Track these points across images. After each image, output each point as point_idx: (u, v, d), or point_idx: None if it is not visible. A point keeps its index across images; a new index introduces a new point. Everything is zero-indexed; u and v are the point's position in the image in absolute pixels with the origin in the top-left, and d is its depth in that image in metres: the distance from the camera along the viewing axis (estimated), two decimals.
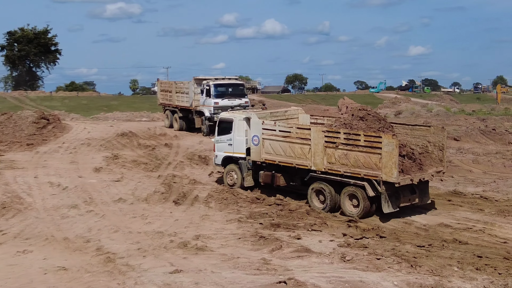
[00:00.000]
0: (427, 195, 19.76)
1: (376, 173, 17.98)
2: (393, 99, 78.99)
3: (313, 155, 19.54)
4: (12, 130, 34.47)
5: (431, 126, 21.31)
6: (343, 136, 18.75)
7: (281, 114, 23.39)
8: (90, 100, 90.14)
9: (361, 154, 18.30)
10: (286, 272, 12.89)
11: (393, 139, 17.66)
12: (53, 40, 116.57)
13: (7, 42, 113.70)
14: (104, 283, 12.51)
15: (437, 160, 19.90)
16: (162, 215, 18.47)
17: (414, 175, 18.50)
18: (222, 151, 23.14)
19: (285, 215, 18.04)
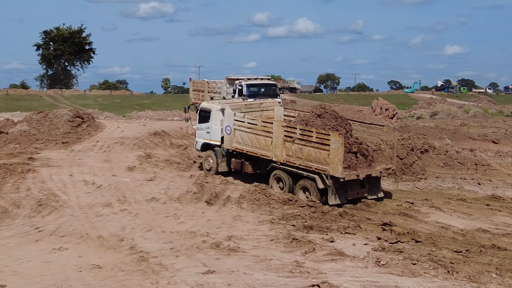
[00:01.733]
0: (379, 189, 21.21)
1: (325, 167, 19.49)
2: (428, 99, 77.77)
3: (274, 147, 21.30)
4: (48, 129, 34.97)
5: (384, 126, 22.64)
6: (299, 131, 20.34)
7: (256, 106, 25.23)
8: (123, 98, 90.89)
9: (313, 149, 19.87)
10: (320, 275, 12.77)
11: (339, 138, 19.01)
12: (87, 39, 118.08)
13: (43, 41, 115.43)
14: (137, 282, 12.55)
15: (388, 158, 21.14)
16: (194, 215, 18.48)
17: (361, 171, 19.98)
18: (202, 138, 25.72)
19: (318, 217, 17.89)
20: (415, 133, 32.58)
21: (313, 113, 21.66)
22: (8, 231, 16.61)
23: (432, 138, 32.88)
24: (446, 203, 20.79)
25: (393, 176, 23.94)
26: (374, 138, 21.65)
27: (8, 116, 46.31)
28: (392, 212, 18.78)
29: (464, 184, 24.01)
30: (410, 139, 26.30)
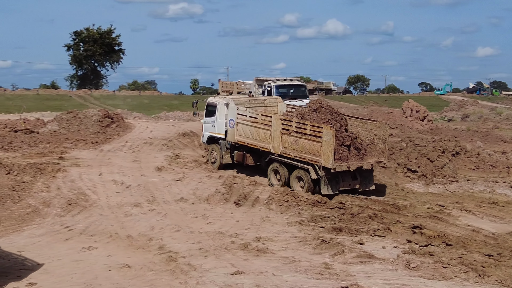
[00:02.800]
0: (371, 182, 22.09)
1: (318, 159, 20.60)
2: (459, 101, 76.85)
3: (272, 140, 22.45)
4: (77, 128, 35.27)
5: (377, 121, 23.75)
6: (294, 124, 21.51)
7: (260, 101, 26.65)
8: (152, 99, 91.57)
9: (307, 142, 21.02)
10: (349, 277, 12.67)
11: (331, 130, 20.07)
12: (117, 40, 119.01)
13: (74, 41, 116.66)
14: (166, 282, 12.57)
15: (380, 152, 22.07)
16: (223, 215, 18.47)
17: (352, 163, 20.88)
18: (208, 131, 27.12)
19: (347, 219, 17.76)
20: (446, 136, 32.21)
21: (309, 108, 22.72)
22: (38, 230, 16.78)
23: (464, 140, 32.49)
24: (477, 206, 20.51)
25: (423, 179, 23.71)
26: (368, 133, 22.59)
27: (38, 116, 46.80)
28: (423, 215, 18.55)
29: (496, 187, 23.69)
30: (441, 142, 26.05)
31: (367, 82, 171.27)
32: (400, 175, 24.61)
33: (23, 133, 33.60)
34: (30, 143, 31.10)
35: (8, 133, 33.63)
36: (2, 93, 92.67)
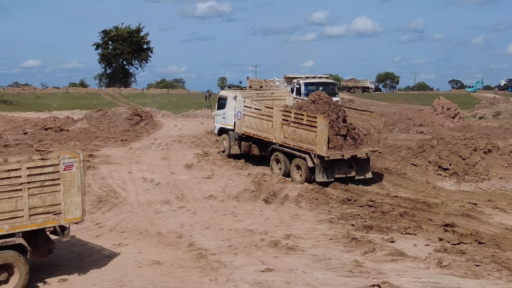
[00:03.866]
0: (367, 170, 22.85)
1: (313, 147, 21.64)
2: (491, 99, 75.51)
3: (274, 130, 23.64)
4: (107, 126, 35.58)
5: (373, 112, 24.67)
6: (293, 115, 22.67)
7: (267, 95, 27.70)
8: (180, 97, 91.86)
9: (304, 131, 22.12)
10: (380, 275, 12.56)
11: (324, 120, 21.14)
12: (146, 38, 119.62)
13: (103, 40, 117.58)
14: (196, 279, 12.58)
15: (376, 141, 22.97)
16: (252, 213, 18.44)
17: (346, 151, 21.82)
18: (219, 123, 28.38)
19: (377, 217, 17.60)
20: (478, 133, 31.75)
21: (308, 100, 23.95)
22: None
23: (496, 138, 31.90)
24: (510, 205, 20.12)
25: (455, 177, 23.41)
26: (365, 124, 23.52)
27: (68, 114, 47.32)
28: (455, 213, 18.28)
29: None
30: (473, 139, 25.63)
31: (397, 79, 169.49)
32: (431, 173, 24.29)
33: (53, 131, 34.00)
34: (60, 140, 31.43)
35: (39, 131, 34.07)
36: (32, 91, 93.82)
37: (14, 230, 11.72)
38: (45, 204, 12.09)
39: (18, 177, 11.67)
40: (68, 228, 12.68)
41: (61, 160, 12.18)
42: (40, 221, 12.06)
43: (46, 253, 12.80)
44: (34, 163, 11.89)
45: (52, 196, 12.16)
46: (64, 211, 12.30)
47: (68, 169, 12.26)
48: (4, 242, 11.64)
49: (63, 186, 12.24)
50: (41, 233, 12.37)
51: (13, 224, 11.70)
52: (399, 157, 26.43)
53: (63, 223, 12.42)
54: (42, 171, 12.00)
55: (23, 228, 11.85)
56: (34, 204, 11.93)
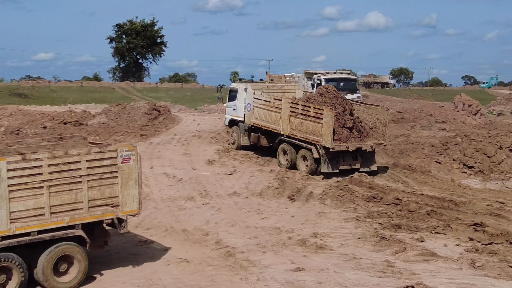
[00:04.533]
0: (372, 163, 23.39)
1: (319, 139, 22.24)
2: (507, 95, 74.74)
3: (282, 122, 24.25)
4: (125, 121, 35.51)
5: (379, 106, 25.11)
6: (300, 107, 23.30)
7: (277, 88, 28.37)
8: (194, 91, 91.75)
9: (310, 123, 22.70)
10: (413, 276, 12.37)
11: (330, 112, 21.76)
12: (159, 32, 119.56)
13: (116, 34, 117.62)
14: (226, 278, 12.43)
15: (381, 135, 23.48)
16: (277, 210, 18.26)
17: (351, 144, 22.43)
18: (230, 114, 29.07)
19: (405, 216, 17.35)
20: (502, 130, 31.35)
21: (316, 93, 24.78)
22: None
23: None
24: None
25: (480, 175, 23.14)
26: (371, 117, 24.07)
27: (83, 108, 47.29)
28: (483, 212, 17.99)
29: None
30: (497, 137, 25.29)
31: (411, 75, 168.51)
32: (456, 170, 24.06)
33: (72, 125, 33.98)
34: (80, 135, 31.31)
35: (58, 125, 34.04)
36: (46, 85, 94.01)
37: (74, 222, 11.95)
38: (104, 197, 12.31)
39: (78, 170, 11.86)
40: (125, 221, 12.84)
41: (119, 153, 12.39)
42: (99, 213, 12.29)
43: (102, 245, 12.98)
44: (93, 155, 12.07)
45: (110, 189, 12.37)
46: (121, 204, 12.52)
47: (125, 162, 12.49)
48: (65, 233, 11.86)
49: (121, 178, 12.44)
50: (98, 225, 12.60)
51: (73, 216, 11.93)
52: (423, 154, 26.19)
53: (120, 216, 12.63)
54: (101, 163, 12.18)
55: (83, 220, 12.08)
56: (93, 197, 12.14)
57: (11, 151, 13.33)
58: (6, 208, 11.16)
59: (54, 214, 11.67)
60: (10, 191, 11.17)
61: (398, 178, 22.87)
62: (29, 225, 11.45)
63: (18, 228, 11.33)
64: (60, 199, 11.72)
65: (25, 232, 11.43)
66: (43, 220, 11.58)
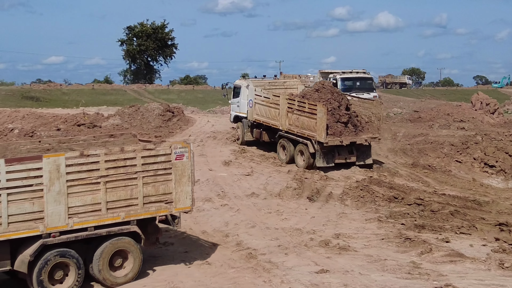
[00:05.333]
0: (368, 156, 23.77)
1: (314, 134, 22.64)
2: None
3: (280, 117, 24.66)
4: (139, 122, 35.26)
5: (374, 100, 25.78)
6: (296, 103, 23.76)
7: (280, 84, 28.97)
8: (206, 93, 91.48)
9: (306, 119, 23.13)
10: (441, 277, 12.06)
11: (323, 107, 22.27)
12: (170, 34, 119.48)
13: (127, 36, 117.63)
14: (249, 280, 12.18)
15: (376, 129, 23.87)
16: (297, 211, 17.99)
17: (345, 138, 22.81)
18: (234, 111, 29.72)
19: (428, 216, 17.01)
20: None
21: (312, 88, 25.06)
22: None
23: None
24: None
25: (502, 174, 22.79)
26: (367, 111, 24.48)
27: (95, 110, 47.10)
28: (507, 212, 17.65)
29: None
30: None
31: (423, 75, 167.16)
32: (477, 170, 23.73)
33: (86, 127, 33.76)
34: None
35: (72, 127, 33.81)
36: (58, 88, 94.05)
37: (129, 218, 12.13)
38: (158, 193, 12.43)
39: (133, 166, 12.04)
40: (178, 217, 13.01)
41: (173, 149, 12.52)
42: (153, 209, 12.44)
43: (155, 242, 13.12)
44: (148, 152, 12.23)
45: (164, 185, 12.50)
46: (175, 200, 12.65)
47: (179, 158, 12.61)
48: (120, 229, 12.03)
49: (175, 175, 12.56)
50: (151, 221, 12.73)
51: (129, 212, 12.10)
52: (442, 153, 25.85)
53: (174, 212, 12.79)
54: (156, 160, 12.33)
55: (138, 216, 12.25)
56: (148, 193, 12.28)
57: (63, 148, 13.49)
58: (64, 203, 11.33)
59: (110, 209, 11.84)
60: (68, 186, 11.33)
61: (418, 178, 22.52)
62: (86, 221, 11.63)
63: (75, 223, 11.52)
64: (116, 195, 11.89)
65: (82, 227, 11.60)
66: (100, 215, 11.76)
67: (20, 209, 10.97)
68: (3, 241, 10.95)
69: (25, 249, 11.18)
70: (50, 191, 11.17)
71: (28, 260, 11.02)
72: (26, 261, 11.05)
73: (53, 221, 11.24)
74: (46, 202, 11.15)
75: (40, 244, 11.14)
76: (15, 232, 10.98)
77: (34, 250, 11.07)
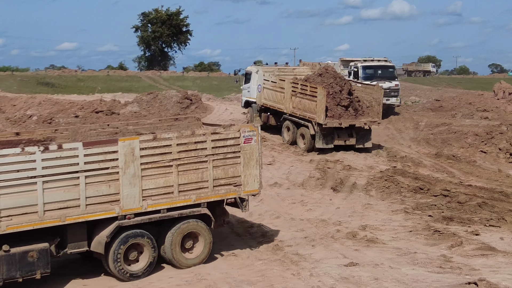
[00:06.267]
0: (367, 140, 24.74)
1: (314, 116, 23.53)
2: None
3: (285, 101, 25.62)
4: (157, 110, 35.14)
5: (374, 86, 26.22)
6: (300, 87, 24.71)
7: (289, 70, 29.96)
8: (220, 80, 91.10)
9: (307, 101, 24.06)
10: (473, 272, 11.75)
11: (323, 90, 23.16)
12: (185, 21, 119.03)
13: (142, 23, 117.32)
14: (277, 273, 11.94)
15: (376, 113, 24.51)
16: (321, 202, 17.74)
17: (344, 120, 23.64)
18: (245, 96, 30.88)
19: (455, 208, 16.69)
20: None
21: (316, 73, 25.94)
22: None
23: None
24: None
25: None
26: (368, 97, 25.13)
27: (111, 97, 46.97)
28: None
29: None
30: None
31: (439, 63, 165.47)
32: (503, 160, 23.35)
33: (104, 114, 33.65)
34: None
35: (90, 114, 33.74)
36: (73, 74, 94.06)
37: (200, 200, 12.39)
38: (227, 176, 12.66)
39: (203, 149, 12.28)
40: (247, 200, 13.17)
41: (241, 133, 12.71)
42: (223, 192, 12.70)
43: (222, 224, 13.43)
44: (217, 135, 12.49)
45: (233, 168, 12.71)
46: (243, 183, 12.85)
47: (247, 142, 12.79)
48: (191, 211, 12.34)
49: (243, 158, 12.76)
50: (219, 204, 13.04)
51: (199, 194, 12.35)
52: (466, 143, 25.48)
53: (242, 195, 12.97)
54: (225, 143, 12.57)
55: (208, 199, 12.51)
56: (217, 176, 12.52)
57: (130, 131, 13.81)
58: (139, 186, 11.62)
59: (182, 192, 12.11)
60: (142, 169, 11.62)
61: (443, 169, 22.15)
62: (159, 203, 11.94)
63: (149, 206, 11.83)
64: (187, 177, 12.13)
65: (156, 209, 11.92)
66: (172, 198, 12.05)
67: (97, 191, 11.29)
68: (80, 222, 11.28)
69: (100, 230, 11.52)
70: (125, 174, 11.48)
71: (105, 241, 11.37)
72: (103, 242, 11.40)
73: (128, 203, 11.58)
74: (122, 184, 11.47)
75: (116, 225, 11.49)
76: (92, 214, 11.30)
77: (110, 232, 11.41)
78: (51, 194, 10.88)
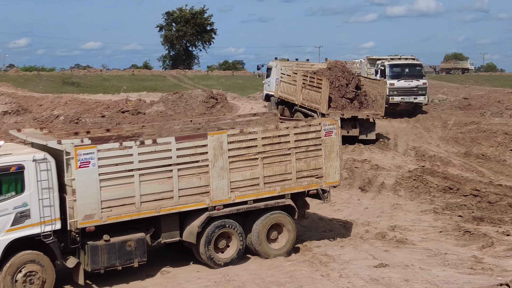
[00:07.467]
0: (371, 132, 25.85)
1: (318, 106, 24.56)
2: None
3: (296, 93, 26.71)
4: (183, 109, 35.15)
5: (380, 80, 27.57)
6: (308, 79, 25.76)
7: (308, 66, 30.52)
8: (245, 79, 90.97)
9: (314, 93, 25.09)
10: (505, 273, 11.59)
11: (326, 81, 24.29)
12: (209, 20, 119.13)
13: (166, 22, 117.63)
14: (307, 274, 11.90)
15: (379, 106, 25.59)
16: (350, 202, 17.67)
17: (347, 112, 24.76)
18: (266, 90, 32.63)
19: (485, 208, 16.51)
20: None
21: (325, 67, 27.27)
22: None
23: None
24: None
25: None
26: (374, 91, 26.13)
27: (136, 96, 47.09)
28: None
29: None
30: None
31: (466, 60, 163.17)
32: None
33: (130, 114, 33.75)
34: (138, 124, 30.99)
35: (116, 114, 33.85)
36: (98, 73, 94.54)
37: (284, 191, 12.86)
38: (309, 168, 13.09)
39: (287, 142, 12.76)
40: (328, 191, 13.64)
41: (322, 126, 13.10)
42: (305, 183, 13.12)
43: (303, 215, 13.79)
44: (300, 129, 12.95)
45: (315, 161, 13.13)
46: (325, 175, 13.25)
47: (328, 135, 13.17)
48: (276, 203, 12.81)
49: (324, 151, 13.17)
50: (301, 196, 13.43)
51: (283, 186, 12.81)
52: (496, 142, 25.16)
53: (324, 187, 13.41)
54: (307, 136, 13.02)
55: (292, 190, 12.97)
56: (300, 168, 12.96)
57: (212, 127, 14.24)
58: (227, 178, 12.18)
59: (267, 184, 12.60)
60: (230, 162, 12.17)
61: (472, 168, 21.88)
62: (246, 194, 12.49)
63: (237, 197, 12.39)
64: (272, 170, 12.62)
65: (243, 201, 12.47)
66: (258, 189, 12.57)
67: (189, 183, 11.89)
68: (173, 213, 11.89)
69: (191, 221, 12.11)
70: (215, 167, 12.04)
71: (197, 231, 11.94)
72: (194, 232, 11.98)
73: (217, 195, 12.16)
74: (211, 177, 12.03)
75: (207, 216, 12.08)
76: (184, 205, 11.93)
77: (201, 222, 12.01)
78: (147, 186, 11.49)
